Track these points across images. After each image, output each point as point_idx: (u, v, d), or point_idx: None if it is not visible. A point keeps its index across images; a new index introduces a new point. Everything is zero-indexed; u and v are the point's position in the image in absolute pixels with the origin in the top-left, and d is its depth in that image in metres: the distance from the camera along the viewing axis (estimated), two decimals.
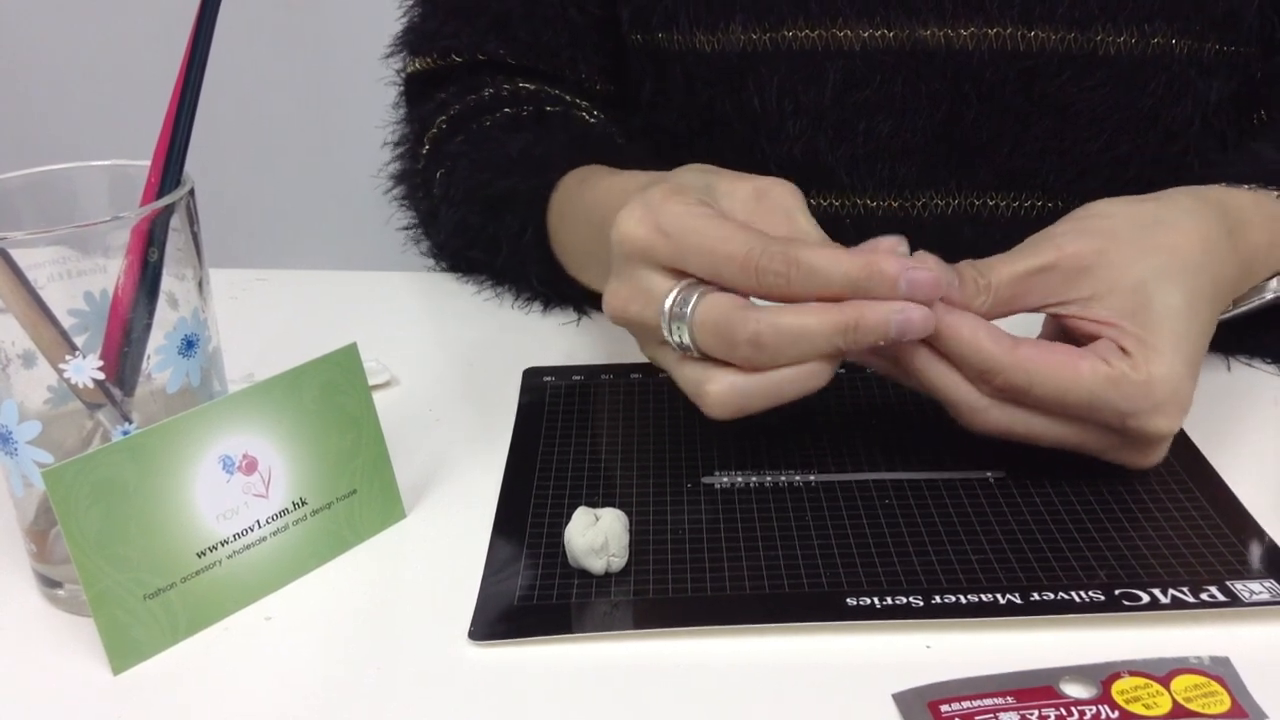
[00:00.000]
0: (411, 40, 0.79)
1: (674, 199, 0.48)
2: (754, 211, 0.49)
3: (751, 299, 0.47)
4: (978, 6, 0.68)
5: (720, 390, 0.47)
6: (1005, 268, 0.49)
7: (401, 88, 0.82)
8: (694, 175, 0.52)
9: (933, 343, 0.48)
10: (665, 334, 0.48)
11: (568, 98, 0.75)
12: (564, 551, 0.47)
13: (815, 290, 0.46)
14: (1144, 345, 0.47)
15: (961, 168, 0.72)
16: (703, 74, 0.73)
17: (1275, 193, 0.57)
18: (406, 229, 0.80)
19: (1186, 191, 0.54)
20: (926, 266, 0.46)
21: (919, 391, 0.51)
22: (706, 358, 0.47)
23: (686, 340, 0.47)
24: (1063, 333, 0.51)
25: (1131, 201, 0.52)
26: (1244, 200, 0.55)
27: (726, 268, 0.46)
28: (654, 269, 0.48)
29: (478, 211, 0.70)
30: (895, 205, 0.73)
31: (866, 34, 0.70)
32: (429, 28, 0.78)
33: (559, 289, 0.69)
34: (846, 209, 0.73)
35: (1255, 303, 0.58)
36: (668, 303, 0.47)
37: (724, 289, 0.47)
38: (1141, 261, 0.49)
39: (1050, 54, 0.69)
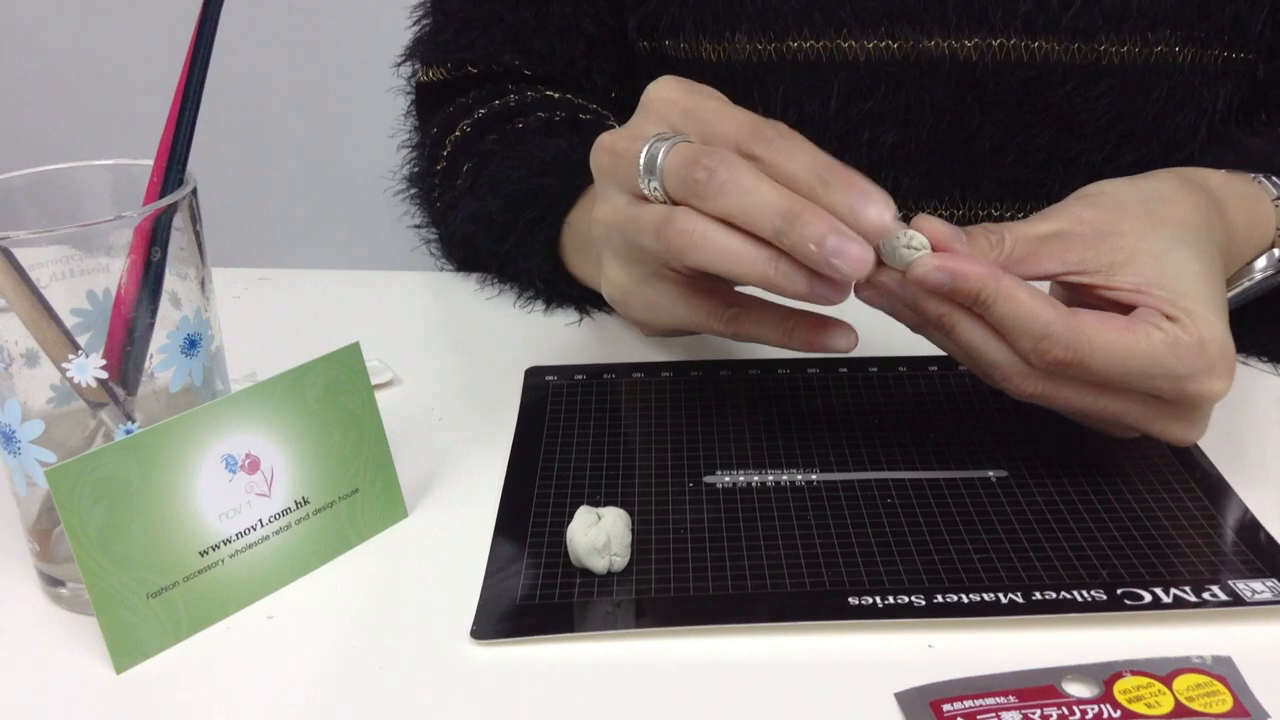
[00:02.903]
0: (423, 51, 0.79)
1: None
2: None
3: None
4: (981, 17, 0.68)
5: (688, 216, 0.47)
6: (1020, 228, 0.49)
7: (412, 96, 0.82)
8: None
9: (984, 309, 0.46)
10: (640, 183, 0.48)
11: (592, 106, 0.75)
12: (566, 551, 0.47)
13: (788, 168, 0.46)
14: (1185, 310, 0.46)
15: (965, 178, 0.72)
16: (708, 83, 0.73)
17: (1250, 175, 0.57)
18: (418, 227, 0.80)
19: (1171, 172, 0.54)
20: (927, 224, 0.47)
21: (952, 356, 0.50)
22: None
23: (657, 185, 0.48)
24: (1078, 305, 0.51)
25: (1128, 181, 0.52)
26: (1218, 180, 0.56)
27: (731, 124, 0.47)
28: (660, 122, 0.49)
29: (500, 203, 0.70)
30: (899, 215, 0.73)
31: (871, 45, 0.70)
32: (442, 39, 0.78)
33: (558, 287, 0.69)
34: None
35: (1245, 284, 0.58)
36: (645, 146, 0.48)
37: None
38: (1155, 231, 0.48)
39: (1054, 64, 0.69)
